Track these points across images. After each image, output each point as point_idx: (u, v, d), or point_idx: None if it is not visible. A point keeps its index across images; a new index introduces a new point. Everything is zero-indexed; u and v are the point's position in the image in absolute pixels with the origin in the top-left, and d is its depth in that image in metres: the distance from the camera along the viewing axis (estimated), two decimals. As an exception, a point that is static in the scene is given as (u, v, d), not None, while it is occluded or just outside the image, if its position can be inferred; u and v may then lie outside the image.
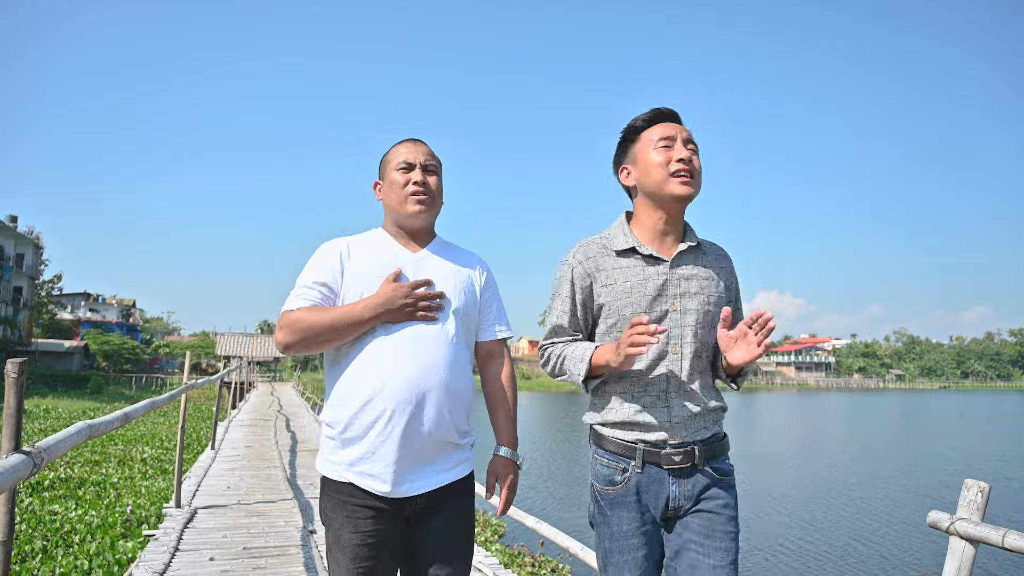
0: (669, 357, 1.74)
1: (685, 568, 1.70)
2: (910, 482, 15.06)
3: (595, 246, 1.84)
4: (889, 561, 8.69)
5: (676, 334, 1.75)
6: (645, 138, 1.81)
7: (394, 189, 1.85)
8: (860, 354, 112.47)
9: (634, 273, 1.77)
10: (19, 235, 42.24)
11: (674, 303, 1.75)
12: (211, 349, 54.87)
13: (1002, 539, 1.96)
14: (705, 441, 1.75)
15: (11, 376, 1.81)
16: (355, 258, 1.81)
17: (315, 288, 1.76)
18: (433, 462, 1.75)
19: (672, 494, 1.72)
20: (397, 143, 1.92)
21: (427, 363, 1.71)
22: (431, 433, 1.71)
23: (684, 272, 1.78)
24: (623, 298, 1.76)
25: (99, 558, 5.02)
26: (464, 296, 1.84)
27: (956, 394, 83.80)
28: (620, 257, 1.80)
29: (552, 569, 6.58)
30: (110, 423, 2.77)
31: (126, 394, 35.73)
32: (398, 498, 1.71)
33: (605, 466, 1.78)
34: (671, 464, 1.71)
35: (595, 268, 1.81)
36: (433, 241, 1.92)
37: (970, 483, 2.12)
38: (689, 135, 1.80)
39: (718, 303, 1.79)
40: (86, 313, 61.53)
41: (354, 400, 1.69)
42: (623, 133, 1.87)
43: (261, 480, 7.36)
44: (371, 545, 1.69)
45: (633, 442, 1.74)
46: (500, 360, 1.96)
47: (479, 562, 4.51)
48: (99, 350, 48.55)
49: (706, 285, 1.78)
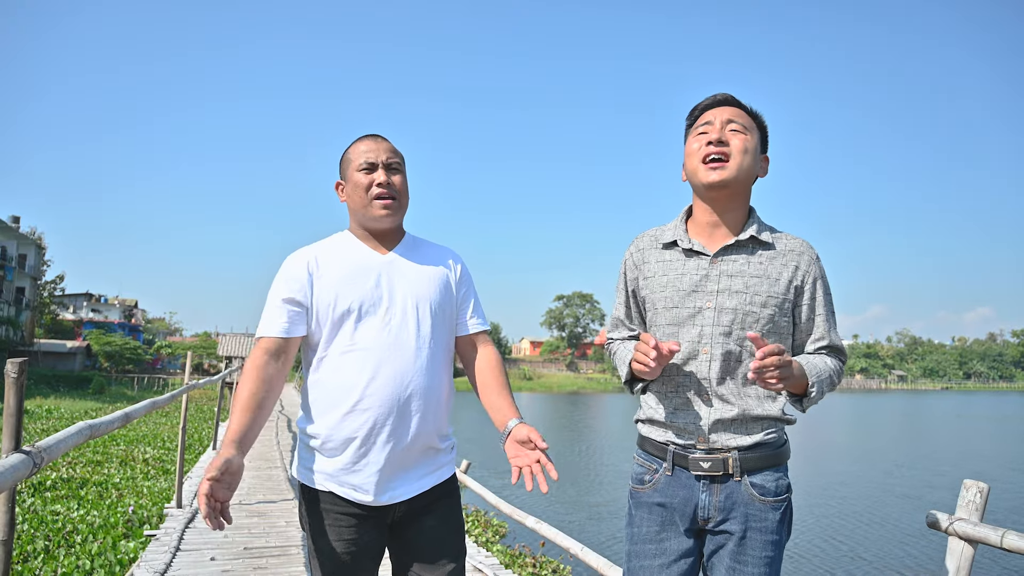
0: (700, 357, 1.64)
1: None
2: (909, 482, 15.04)
3: (647, 238, 1.80)
4: (888, 562, 8.68)
5: (708, 333, 1.63)
6: (693, 128, 1.73)
7: (358, 191, 1.77)
8: (862, 355, 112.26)
9: (673, 267, 1.70)
10: (21, 236, 42.33)
11: (709, 300, 1.64)
12: (213, 350, 54.89)
13: (1001, 539, 1.96)
14: (746, 449, 1.60)
15: (11, 376, 1.82)
16: (324, 267, 1.75)
17: (284, 308, 1.71)
18: (415, 468, 1.73)
19: (701, 503, 1.62)
20: (356, 140, 1.84)
21: (407, 369, 1.69)
22: (413, 440, 1.69)
23: (728, 268, 1.65)
24: (658, 292, 1.71)
25: (101, 558, 5.02)
26: (440, 295, 1.80)
27: (958, 395, 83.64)
28: (665, 250, 1.74)
29: (553, 570, 6.57)
30: (111, 423, 2.78)
31: (128, 394, 35.73)
32: (380, 505, 1.70)
33: (639, 465, 1.75)
34: (699, 470, 1.61)
35: (642, 260, 1.77)
36: (402, 241, 1.86)
37: (969, 483, 2.12)
38: (734, 115, 1.66)
39: (767, 303, 1.62)
40: (88, 313, 61.66)
41: (334, 411, 1.67)
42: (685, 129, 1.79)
43: (262, 480, 7.37)
44: (353, 553, 1.68)
45: (664, 443, 1.68)
46: (486, 347, 1.90)
47: (480, 563, 4.51)
48: (101, 350, 48.60)
49: (754, 283, 1.63)
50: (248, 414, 1.60)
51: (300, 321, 1.72)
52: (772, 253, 1.66)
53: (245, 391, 1.63)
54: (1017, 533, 1.94)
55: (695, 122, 1.73)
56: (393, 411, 1.66)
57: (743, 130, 1.65)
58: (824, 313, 1.69)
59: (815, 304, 1.68)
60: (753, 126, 1.69)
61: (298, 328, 1.72)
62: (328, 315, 1.71)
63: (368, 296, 1.73)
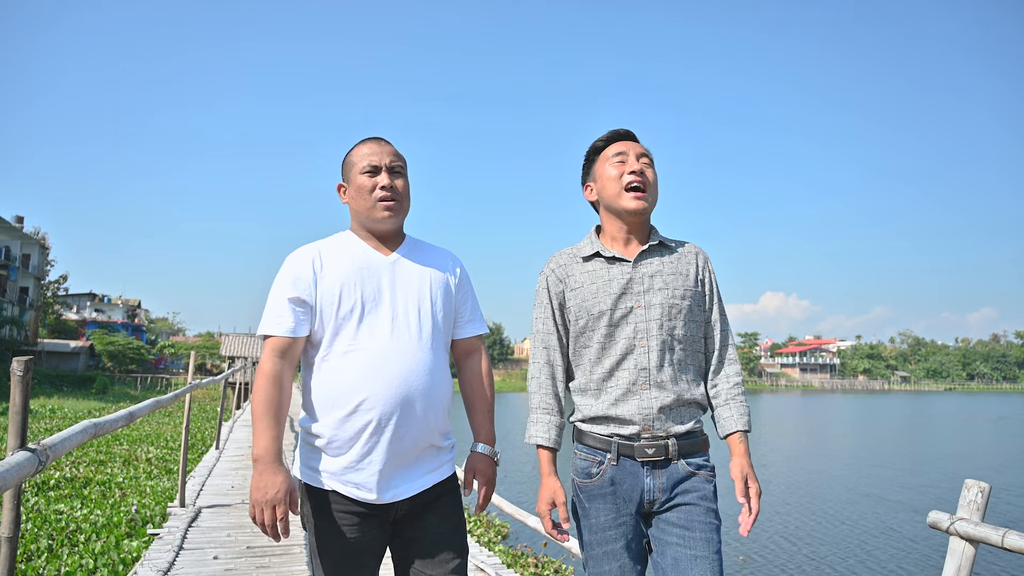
0: (637, 351, 1.80)
1: (670, 563, 1.72)
2: (910, 482, 15.02)
3: (565, 255, 1.96)
4: (889, 561, 8.67)
5: (642, 328, 1.81)
6: (603, 156, 1.93)
7: (361, 194, 1.79)
8: (865, 356, 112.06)
9: (599, 275, 1.87)
10: (25, 235, 42.46)
11: (638, 299, 1.83)
12: (215, 349, 55.00)
13: (1002, 539, 1.96)
14: (681, 436, 1.79)
15: (17, 374, 1.83)
16: (328, 266, 1.76)
17: (290, 307, 1.72)
18: (416, 466, 1.75)
19: (647, 487, 1.76)
20: (359, 143, 1.85)
21: (409, 369, 1.71)
22: (415, 439, 1.72)
23: (647, 270, 1.85)
24: (590, 298, 1.85)
25: (104, 557, 5.03)
26: (441, 297, 1.84)
27: (961, 396, 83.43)
28: (586, 262, 1.91)
29: (555, 570, 6.58)
30: (115, 422, 2.79)
31: (131, 394, 35.82)
32: (383, 504, 1.71)
33: (583, 459, 1.85)
34: (644, 457, 1.76)
35: (565, 274, 1.92)
36: (404, 242, 1.88)
37: (970, 483, 2.12)
38: (644, 151, 1.91)
39: (685, 296, 1.84)
40: (91, 313, 61.81)
41: (337, 410, 1.68)
42: (586, 154, 1.98)
43: (265, 480, 7.38)
44: (356, 551, 1.69)
45: (608, 436, 1.80)
46: (477, 357, 1.96)
47: (482, 562, 4.52)
48: (104, 350, 48.74)
49: (671, 280, 1.85)
50: (278, 426, 1.66)
51: (306, 320, 1.73)
52: (678, 255, 1.91)
53: (268, 401, 1.67)
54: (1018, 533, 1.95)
55: (599, 151, 1.95)
56: (395, 411, 1.68)
57: (651, 164, 1.91)
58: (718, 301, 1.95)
59: (714, 294, 1.93)
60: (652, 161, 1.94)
61: (304, 327, 1.73)
62: (332, 314, 1.72)
63: (371, 296, 1.74)
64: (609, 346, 1.82)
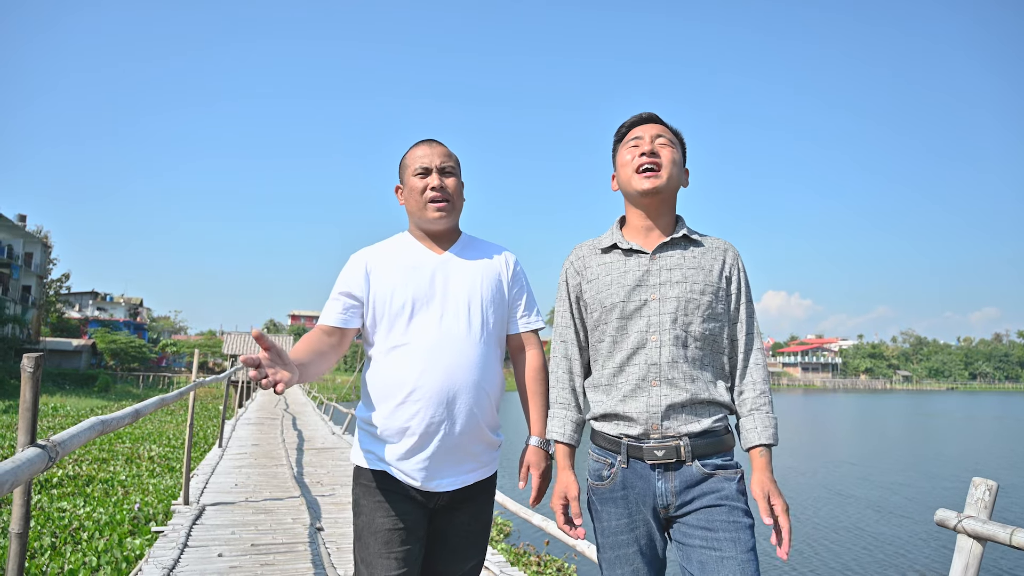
0: (648, 345, 1.72)
1: (696, 567, 1.62)
2: (917, 480, 15.01)
3: (586, 247, 1.92)
4: (896, 559, 8.66)
5: (655, 322, 1.73)
6: (623, 143, 1.88)
7: (413, 195, 1.88)
8: (867, 355, 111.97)
9: (615, 267, 1.82)
10: (27, 234, 42.49)
11: (653, 292, 1.75)
12: (217, 348, 55.05)
13: (1010, 537, 1.96)
14: (696, 435, 1.68)
15: (27, 371, 1.83)
16: (381, 265, 1.87)
17: (339, 299, 1.85)
18: (464, 461, 1.81)
19: (659, 490, 1.67)
20: (413, 145, 1.94)
21: (458, 364, 1.77)
22: (463, 433, 1.77)
23: (666, 263, 1.78)
24: (604, 290, 1.80)
25: (107, 555, 5.05)
26: (492, 293, 1.89)
27: (963, 395, 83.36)
28: (604, 254, 1.86)
29: (558, 568, 6.58)
30: (121, 419, 2.80)
31: (133, 392, 35.88)
32: (428, 491, 1.78)
33: (595, 461, 1.80)
34: (654, 459, 1.67)
35: (583, 266, 1.88)
36: (458, 241, 1.96)
37: (978, 481, 2.12)
38: (660, 131, 1.83)
39: (705, 291, 1.75)
40: (94, 312, 61.92)
41: (388, 402, 1.76)
42: (612, 144, 1.93)
43: (268, 478, 7.39)
44: (402, 529, 1.75)
45: (617, 436, 1.73)
46: (531, 352, 1.98)
47: (486, 560, 4.53)
48: (106, 348, 48.80)
49: (691, 274, 1.76)
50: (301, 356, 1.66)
51: (356, 314, 1.85)
52: (703, 249, 1.82)
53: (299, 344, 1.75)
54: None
55: (623, 138, 1.88)
56: (443, 404, 1.74)
57: (670, 144, 1.82)
58: (746, 302, 1.83)
59: (743, 294, 1.82)
60: (676, 141, 1.86)
61: (353, 320, 1.84)
62: (384, 311, 1.82)
63: (422, 293, 1.82)
64: (621, 340, 1.75)
